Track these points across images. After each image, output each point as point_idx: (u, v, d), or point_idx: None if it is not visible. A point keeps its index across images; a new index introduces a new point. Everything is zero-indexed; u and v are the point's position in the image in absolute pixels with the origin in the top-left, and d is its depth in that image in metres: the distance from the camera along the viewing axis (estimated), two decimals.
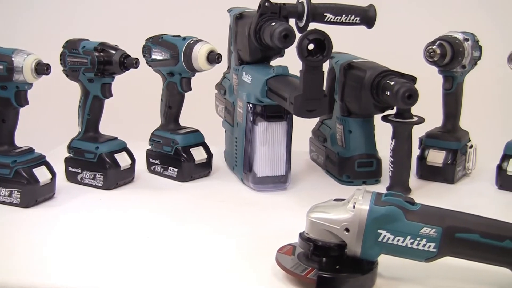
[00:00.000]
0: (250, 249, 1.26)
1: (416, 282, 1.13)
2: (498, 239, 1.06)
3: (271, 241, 1.20)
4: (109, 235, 1.33)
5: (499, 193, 1.67)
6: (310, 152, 1.93)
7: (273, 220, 1.44)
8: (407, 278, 1.14)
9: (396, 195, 1.10)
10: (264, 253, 1.19)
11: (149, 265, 1.19)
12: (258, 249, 1.25)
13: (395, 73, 1.57)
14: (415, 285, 1.12)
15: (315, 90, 1.36)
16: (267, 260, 1.16)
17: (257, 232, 1.35)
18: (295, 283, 1.10)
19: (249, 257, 1.22)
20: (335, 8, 1.62)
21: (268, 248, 1.18)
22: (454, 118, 1.77)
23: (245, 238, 1.32)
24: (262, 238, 1.31)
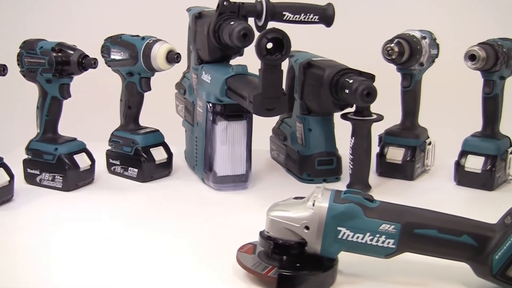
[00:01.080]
0: (211, 248, 1.26)
1: (376, 278, 1.14)
2: (456, 234, 1.07)
3: (232, 240, 1.20)
4: (69, 237, 1.32)
5: (458, 189, 1.69)
6: (270, 150, 1.93)
7: (234, 219, 1.44)
8: (367, 274, 1.15)
9: (355, 193, 1.10)
10: (225, 252, 1.19)
11: (110, 266, 1.18)
12: (219, 248, 1.25)
13: (353, 71, 1.58)
14: (375, 281, 1.13)
15: (274, 89, 1.36)
16: (228, 259, 1.16)
17: (218, 231, 1.35)
18: (256, 281, 1.10)
19: (210, 257, 1.22)
20: (293, 7, 1.62)
21: (229, 247, 1.18)
22: (412, 116, 1.79)
23: (205, 237, 1.32)
24: (223, 237, 1.31)
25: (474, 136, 1.71)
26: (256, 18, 1.61)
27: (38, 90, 1.61)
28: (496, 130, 1.72)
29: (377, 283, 1.13)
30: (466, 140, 1.70)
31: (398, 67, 1.73)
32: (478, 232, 1.08)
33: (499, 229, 1.07)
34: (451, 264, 1.11)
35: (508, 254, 1.04)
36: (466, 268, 1.10)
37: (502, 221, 1.09)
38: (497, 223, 1.09)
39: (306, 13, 1.63)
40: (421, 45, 1.69)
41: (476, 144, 1.68)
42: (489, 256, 1.06)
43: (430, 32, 1.76)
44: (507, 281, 1.05)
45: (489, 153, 1.66)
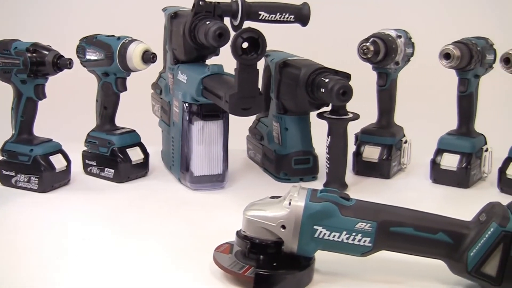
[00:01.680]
0: (187, 248, 1.26)
1: (353, 276, 1.14)
2: (432, 232, 1.08)
3: (209, 240, 1.20)
4: (45, 238, 1.31)
5: (433, 187, 1.70)
6: (247, 150, 1.93)
7: (211, 219, 1.43)
8: (343, 273, 1.15)
9: (331, 191, 1.11)
10: (202, 252, 1.19)
11: (85, 267, 1.18)
12: (195, 248, 1.25)
13: (329, 70, 1.59)
14: (352, 279, 1.14)
15: (250, 88, 1.36)
16: (205, 259, 1.16)
17: (195, 231, 1.35)
18: (233, 281, 1.10)
19: (187, 257, 1.22)
20: (269, 6, 1.62)
21: (206, 247, 1.18)
22: (388, 114, 1.79)
23: (182, 237, 1.32)
24: (200, 237, 1.31)
25: (450, 134, 1.72)
26: (231, 17, 1.61)
27: (13, 91, 1.60)
28: (471, 128, 1.74)
29: (353, 281, 1.13)
30: (442, 139, 1.71)
31: (373, 66, 1.73)
32: (453, 230, 1.08)
33: (474, 226, 1.08)
34: (427, 262, 1.11)
35: (483, 251, 1.05)
36: (442, 265, 1.10)
37: (477, 218, 1.10)
38: (472, 220, 1.10)
39: (282, 13, 1.63)
40: (397, 44, 1.70)
41: (451, 142, 1.69)
42: (464, 253, 1.07)
43: (405, 31, 1.77)
44: (482, 277, 1.06)
45: (464, 151, 1.67)
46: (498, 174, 1.64)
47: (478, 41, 1.68)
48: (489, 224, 1.06)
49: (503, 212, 1.07)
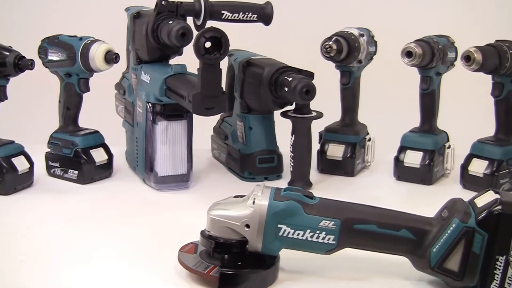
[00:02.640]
0: (152, 249, 1.26)
1: (318, 274, 1.15)
2: (395, 229, 1.09)
3: (174, 240, 1.19)
4: (8, 241, 1.30)
5: (397, 184, 1.71)
6: (212, 149, 1.93)
7: (176, 219, 1.43)
8: (308, 271, 1.15)
9: (295, 190, 1.11)
10: (166, 252, 1.18)
11: (50, 269, 1.17)
12: (160, 248, 1.25)
13: (292, 69, 1.59)
14: (317, 277, 1.14)
15: (213, 87, 1.36)
16: (170, 260, 1.15)
17: (160, 231, 1.35)
18: (198, 281, 1.10)
19: (152, 257, 1.21)
20: (232, 5, 1.62)
21: (170, 247, 1.17)
22: (352, 112, 1.81)
23: (147, 238, 1.31)
24: (165, 238, 1.30)
25: (412, 131, 1.74)
26: (194, 17, 1.60)
27: None
28: (433, 125, 1.75)
29: (318, 279, 1.14)
30: (405, 136, 1.72)
31: (336, 64, 1.74)
32: (416, 226, 1.09)
33: (436, 222, 1.09)
34: (390, 258, 1.12)
35: (445, 246, 1.06)
36: (405, 261, 1.11)
37: (439, 214, 1.11)
38: (434, 216, 1.11)
39: (245, 12, 1.63)
40: (359, 43, 1.71)
41: (414, 139, 1.71)
42: (427, 249, 1.08)
43: (368, 29, 1.78)
44: (445, 273, 1.07)
45: (427, 148, 1.69)
46: (461, 171, 1.66)
47: (439, 39, 1.69)
48: (451, 220, 1.07)
49: (464, 208, 1.08)
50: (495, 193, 1.08)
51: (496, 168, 1.60)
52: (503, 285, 1.06)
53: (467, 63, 1.54)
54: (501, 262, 1.05)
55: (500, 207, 1.05)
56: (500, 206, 1.05)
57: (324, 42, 1.66)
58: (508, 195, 1.09)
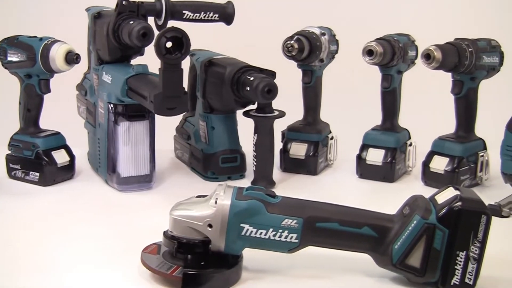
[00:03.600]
0: (115, 250, 1.25)
1: (281, 273, 1.15)
2: (357, 226, 1.10)
3: (137, 241, 1.19)
4: None
5: (360, 182, 1.73)
6: (174, 150, 1.93)
7: (139, 220, 1.42)
8: (271, 269, 1.15)
9: (257, 189, 1.11)
10: (129, 253, 1.18)
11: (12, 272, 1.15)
12: (123, 249, 1.24)
13: (254, 68, 1.60)
14: (280, 275, 1.14)
15: (175, 87, 1.36)
16: (133, 261, 1.15)
17: (123, 233, 1.34)
18: (161, 282, 1.10)
19: (115, 259, 1.21)
20: (193, 5, 1.62)
21: (133, 248, 1.17)
22: (314, 111, 1.81)
23: (110, 239, 1.30)
24: (128, 239, 1.30)
25: (374, 129, 1.75)
26: (155, 17, 1.60)
27: None
28: (395, 123, 1.77)
29: (281, 278, 1.14)
30: (367, 134, 1.74)
31: (298, 63, 1.75)
32: (378, 223, 1.10)
33: (397, 219, 1.10)
34: (353, 256, 1.13)
35: (407, 243, 1.07)
36: (368, 258, 1.12)
37: (401, 211, 1.12)
38: (395, 213, 1.12)
39: (206, 11, 1.63)
40: (321, 42, 1.71)
41: (376, 137, 1.72)
42: (389, 246, 1.09)
43: (329, 28, 1.79)
44: (407, 269, 1.08)
45: (389, 146, 1.70)
46: (422, 168, 1.68)
47: (400, 38, 1.71)
48: (412, 217, 1.08)
49: (425, 204, 1.09)
50: (455, 190, 1.10)
51: (456, 164, 1.62)
52: (464, 280, 1.07)
53: (427, 61, 1.55)
54: (462, 258, 1.06)
55: (460, 203, 1.06)
56: (460, 202, 1.06)
57: (285, 41, 1.66)
58: (468, 192, 1.10)
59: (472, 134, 1.70)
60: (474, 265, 1.07)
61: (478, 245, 1.06)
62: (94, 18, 1.65)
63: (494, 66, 1.68)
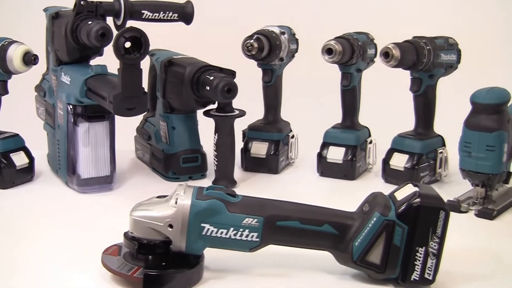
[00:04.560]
0: (76, 252, 1.24)
1: (242, 272, 1.15)
2: (317, 224, 1.10)
3: (98, 242, 1.18)
4: None
5: (321, 180, 1.73)
6: (135, 150, 1.92)
7: (99, 221, 1.41)
8: (233, 269, 1.16)
9: (218, 189, 1.11)
10: (90, 255, 1.17)
11: None
12: (84, 251, 1.23)
13: (214, 68, 1.59)
14: (241, 275, 1.14)
15: (134, 88, 1.36)
16: (94, 262, 1.14)
17: (83, 234, 1.33)
18: (122, 283, 1.09)
19: (76, 261, 1.20)
20: (152, 5, 1.62)
21: (94, 250, 1.16)
22: (275, 110, 1.82)
23: (71, 241, 1.29)
24: (88, 240, 1.28)
25: (335, 128, 1.76)
26: (114, 17, 1.59)
27: None
28: (355, 121, 1.78)
29: (243, 277, 1.14)
30: (327, 132, 1.75)
31: (258, 62, 1.75)
32: (338, 221, 1.11)
33: (357, 216, 1.11)
34: (314, 254, 1.14)
35: (367, 240, 1.08)
36: (329, 256, 1.13)
37: (361, 208, 1.13)
38: (356, 211, 1.13)
39: (165, 11, 1.63)
40: (280, 41, 1.72)
41: (336, 135, 1.73)
42: (350, 243, 1.09)
43: (289, 27, 1.80)
44: (367, 266, 1.09)
45: (349, 144, 1.71)
46: (382, 165, 1.69)
47: (359, 36, 1.72)
48: (372, 214, 1.09)
49: (385, 201, 1.10)
50: (414, 186, 1.11)
51: (416, 161, 1.64)
52: (423, 275, 1.08)
53: (386, 59, 1.56)
54: (421, 253, 1.08)
55: (419, 200, 1.07)
56: (419, 199, 1.07)
57: (245, 40, 1.66)
58: (426, 188, 1.12)
59: (431, 131, 1.72)
60: (434, 261, 1.08)
61: (437, 241, 1.08)
62: (52, 18, 1.63)
63: (452, 64, 1.70)
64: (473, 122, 1.43)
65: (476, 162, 1.43)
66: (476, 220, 1.46)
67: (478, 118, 1.42)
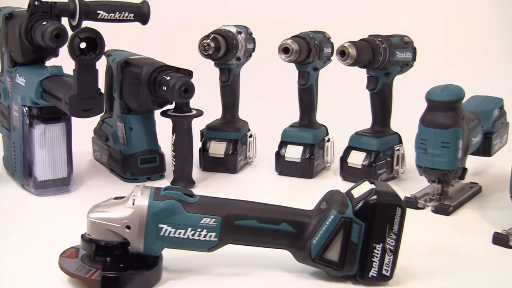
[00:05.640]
0: (33, 256, 1.22)
1: (201, 272, 1.15)
2: (275, 223, 1.11)
3: (55, 245, 1.17)
4: None
5: (279, 179, 1.74)
6: (93, 151, 1.90)
7: (57, 224, 1.40)
8: (192, 269, 1.15)
9: (175, 189, 1.11)
10: (47, 258, 1.16)
11: None
12: (42, 255, 1.22)
13: (171, 68, 1.59)
14: (200, 275, 1.14)
15: (90, 89, 1.35)
16: (51, 266, 1.13)
17: (41, 237, 1.32)
18: (80, 286, 1.08)
19: (33, 264, 1.19)
20: (108, 5, 1.61)
21: (51, 253, 1.15)
22: (233, 109, 1.82)
23: (28, 245, 1.28)
24: (46, 243, 1.27)
25: (292, 126, 1.77)
26: (69, 17, 1.58)
27: None
28: (313, 120, 1.79)
29: (202, 277, 1.14)
30: (285, 131, 1.75)
31: (215, 62, 1.75)
32: (296, 219, 1.11)
33: (315, 214, 1.12)
34: (273, 252, 1.14)
35: (325, 238, 1.09)
36: (288, 254, 1.13)
37: (318, 206, 1.13)
38: (313, 209, 1.14)
39: (121, 11, 1.62)
40: (237, 40, 1.72)
41: (294, 134, 1.74)
42: (308, 241, 1.10)
43: (246, 27, 1.80)
44: (325, 263, 1.10)
45: (307, 142, 1.72)
46: (340, 163, 1.70)
47: (315, 35, 1.73)
48: (329, 211, 1.09)
49: (342, 199, 1.11)
50: (371, 184, 1.12)
51: (373, 159, 1.65)
52: (381, 271, 1.09)
53: (342, 58, 1.57)
54: (378, 250, 1.09)
55: (376, 197, 1.08)
56: (376, 196, 1.08)
57: (202, 40, 1.66)
58: (382, 185, 1.13)
59: (388, 129, 1.74)
60: (391, 257, 1.09)
61: (394, 237, 1.09)
62: (5, 19, 1.61)
63: (408, 62, 1.72)
64: (429, 119, 1.44)
65: (432, 159, 1.45)
66: (433, 216, 1.47)
67: (434, 115, 1.44)
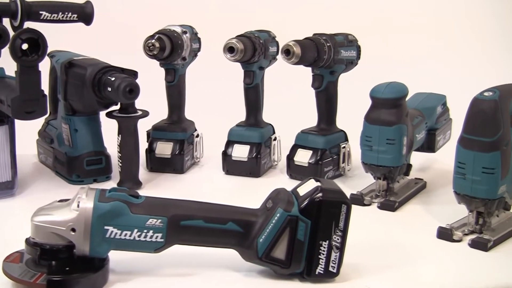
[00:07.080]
0: None
1: (149, 273, 1.15)
2: (221, 222, 1.11)
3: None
4: None
5: (227, 178, 1.74)
6: (38, 154, 1.88)
7: (0, 228, 1.38)
8: (139, 270, 1.15)
9: (121, 190, 1.10)
10: None
11: None
12: None
13: (116, 68, 1.58)
14: (148, 276, 1.14)
15: (33, 90, 1.34)
16: None
17: None
18: None
19: None
20: (50, 5, 1.59)
21: None
22: (179, 109, 1.81)
23: None
24: None
25: (239, 126, 1.77)
26: (11, 18, 1.55)
27: None
28: (259, 119, 1.80)
29: (149, 278, 1.13)
30: (231, 130, 1.75)
31: (161, 62, 1.74)
32: (242, 218, 1.12)
33: (261, 213, 1.12)
34: (220, 252, 1.14)
35: (271, 236, 1.09)
36: (235, 254, 1.13)
37: (264, 205, 1.14)
38: (259, 208, 1.14)
39: (64, 12, 1.60)
40: (182, 40, 1.71)
41: (241, 133, 1.74)
42: (254, 240, 1.10)
43: (191, 26, 1.80)
44: (273, 261, 1.10)
45: (253, 141, 1.73)
46: (287, 161, 1.71)
47: (260, 34, 1.74)
48: (275, 210, 1.10)
49: (288, 197, 1.12)
50: (316, 181, 1.13)
51: (320, 157, 1.66)
52: (328, 268, 1.10)
53: (287, 57, 1.58)
54: (325, 247, 1.09)
55: (321, 194, 1.09)
56: (321, 194, 1.09)
57: (146, 40, 1.65)
58: (328, 182, 1.13)
59: (333, 127, 1.75)
60: (337, 254, 1.10)
61: (340, 234, 1.10)
62: None
63: (352, 60, 1.74)
64: (373, 117, 1.46)
65: (377, 156, 1.47)
66: (379, 212, 1.49)
67: (378, 113, 1.45)
